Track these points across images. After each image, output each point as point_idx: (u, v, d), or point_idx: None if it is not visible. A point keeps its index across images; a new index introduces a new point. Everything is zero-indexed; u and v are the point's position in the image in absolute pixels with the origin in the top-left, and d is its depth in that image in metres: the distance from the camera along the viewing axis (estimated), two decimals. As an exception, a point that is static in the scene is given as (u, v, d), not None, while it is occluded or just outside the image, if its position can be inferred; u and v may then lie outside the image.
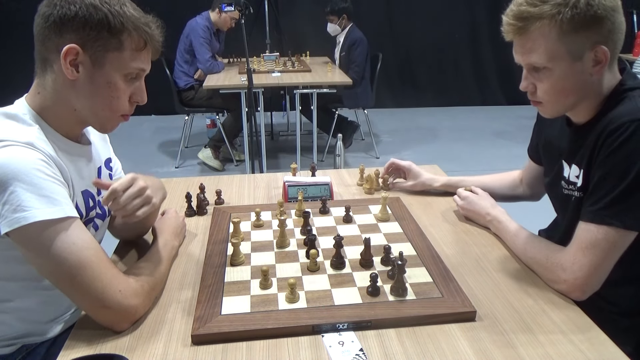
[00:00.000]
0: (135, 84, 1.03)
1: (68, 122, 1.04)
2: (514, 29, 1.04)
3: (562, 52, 1.02)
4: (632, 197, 0.99)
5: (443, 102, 6.27)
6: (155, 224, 1.26)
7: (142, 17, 1.00)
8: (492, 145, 4.89)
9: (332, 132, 4.39)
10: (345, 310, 0.99)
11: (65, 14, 0.93)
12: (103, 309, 0.93)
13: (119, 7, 0.96)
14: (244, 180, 1.74)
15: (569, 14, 0.99)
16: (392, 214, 1.41)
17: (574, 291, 1.04)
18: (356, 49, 4.32)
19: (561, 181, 1.19)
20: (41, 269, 0.93)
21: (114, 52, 0.96)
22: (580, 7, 0.99)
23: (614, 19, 1.01)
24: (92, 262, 0.92)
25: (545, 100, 1.10)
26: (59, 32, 0.94)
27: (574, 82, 1.05)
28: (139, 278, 1.00)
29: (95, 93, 0.99)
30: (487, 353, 0.90)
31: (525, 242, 1.17)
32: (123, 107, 1.03)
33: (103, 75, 0.97)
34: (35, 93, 1.01)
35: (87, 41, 0.94)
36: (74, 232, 0.91)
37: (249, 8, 3.07)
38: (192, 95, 4.24)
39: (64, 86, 0.98)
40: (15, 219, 0.86)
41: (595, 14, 0.99)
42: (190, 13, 4.22)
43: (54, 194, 0.90)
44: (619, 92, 1.07)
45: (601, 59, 1.03)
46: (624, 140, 0.99)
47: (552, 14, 0.99)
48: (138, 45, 0.99)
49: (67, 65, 0.94)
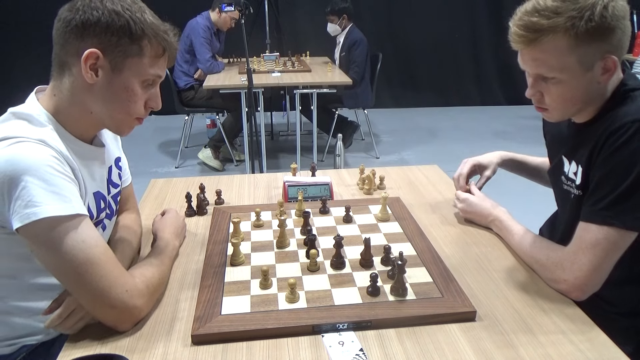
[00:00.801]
0: (151, 90, 1.05)
1: (83, 124, 1.05)
2: (525, 41, 1.01)
3: (573, 63, 1.00)
4: (633, 197, 0.99)
5: (443, 102, 6.27)
6: (156, 224, 1.26)
7: (161, 24, 1.02)
8: (492, 145, 4.86)
9: (332, 132, 4.39)
10: (345, 310, 0.99)
11: (87, 19, 0.94)
12: (108, 308, 0.93)
13: (140, 14, 0.97)
14: (244, 180, 1.74)
15: (583, 27, 0.96)
16: (392, 214, 1.41)
17: (574, 291, 1.04)
18: (356, 49, 4.32)
19: (561, 176, 1.20)
20: (49, 265, 0.93)
21: (133, 58, 0.98)
22: (595, 19, 0.96)
23: (624, 27, 1.01)
24: (100, 260, 0.92)
25: (552, 108, 1.09)
26: (80, 36, 0.95)
27: (583, 90, 1.05)
28: (144, 279, 1.00)
29: (112, 97, 1.00)
30: (487, 353, 0.90)
31: (527, 242, 1.17)
32: (139, 112, 1.05)
33: (121, 80, 0.99)
34: (51, 95, 1.02)
35: (108, 46, 0.96)
36: (83, 229, 0.92)
37: (249, 8, 3.07)
38: (192, 95, 4.24)
39: (81, 89, 0.99)
40: (26, 214, 0.87)
41: (608, 25, 0.97)
42: (191, 13, 4.22)
43: (64, 190, 0.91)
44: (621, 92, 1.07)
45: (610, 68, 1.02)
46: (625, 141, 0.99)
47: (566, 27, 0.97)
48: (157, 52, 1.01)
49: (87, 69, 0.96)
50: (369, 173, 1.64)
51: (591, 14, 0.96)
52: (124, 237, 1.20)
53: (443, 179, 1.73)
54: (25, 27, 5.34)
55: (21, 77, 5.36)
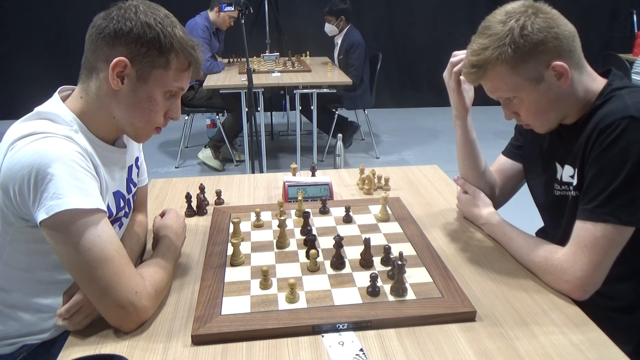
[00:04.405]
0: (172, 101, 1.08)
1: (106, 127, 1.08)
2: (474, 77, 1.11)
3: (521, 81, 1.06)
4: (627, 193, 0.99)
5: (443, 102, 6.21)
6: (156, 224, 1.26)
7: (190, 40, 1.05)
8: (492, 145, 4.83)
9: (332, 132, 4.39)
10: (345, 310, 0.99)
11: (120, 28, 0.98)
12: (116, 306, 0.93)
13: (170, 28, 1.01)
14: (244, 180, 1.74)
15: (510, 52, 1.03)
16: (392, 214, 1.41)
17: (576, 291, 1.04)
18: (354, 53, 4.31)
19: (554, 184, 1.20)
20: (63, 257, 0.94)
21: (159, 69, 1.01)
22: (517, 40, 1.03)
23: (555, 33, 1.03)
24: (114, 258, 0.93)
25: (530, 122, 1.15)
26: (111, 44, 0.98)
27: (547, 100, 1.09)
28: (153, 281, 1.01)
29: (135, 105, 1.03)
30: (487, 353, 0.90)
31: (522, 244, 1.17)
32: (159, 121, 1.08)
33: (145, 90, 1.02)
34: (77, 97, 1.06)
35: (137, 56, 0.99)
36: (101, 225, 0.94)
37: (248, 8, 3.07)
38: (192, 95, 4.23)
39: (107, 94, 1.02)
40: (51, 206, 0.89)
41: (534, 40, 1.03)
42: (190, 13, 4.21)
43: (86, 185, 0.94)
44: (607, 92, 1.09)
45: (562, 72, 1.05)
46: (615, 138, 0.99)
47: (497, 56, 1.04)
48: (182, 66, 1.04)
49: (114, 76, 0.99)
50: (369, 173, 1.64)
51: (511, 39, 1.03)
52: (133, 235, 1.22)
53: (443, 179, 1.73)
54: (27, 28, 5.35)
55: (22, 77, 5.38)
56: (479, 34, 1.09)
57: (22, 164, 0.90)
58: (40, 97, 1.13)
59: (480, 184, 1.37)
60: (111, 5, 1.01)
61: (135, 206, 1.30)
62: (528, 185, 1.36)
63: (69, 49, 3.70)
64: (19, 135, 0.94)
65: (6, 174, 0.92)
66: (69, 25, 4.66)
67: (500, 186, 1.42)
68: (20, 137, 0.94)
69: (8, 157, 0.93)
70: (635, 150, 0.98)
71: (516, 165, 1.41)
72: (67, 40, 4.60)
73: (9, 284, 1.06)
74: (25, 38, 5.39)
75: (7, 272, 1.05)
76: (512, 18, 1.04)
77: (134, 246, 1.19)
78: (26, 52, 5.38)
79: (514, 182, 1.42)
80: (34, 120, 1.00)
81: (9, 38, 5.35)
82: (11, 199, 0.94)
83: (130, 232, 1.22)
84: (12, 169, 0.91)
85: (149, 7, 1.01)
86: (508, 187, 1.43)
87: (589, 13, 5.79)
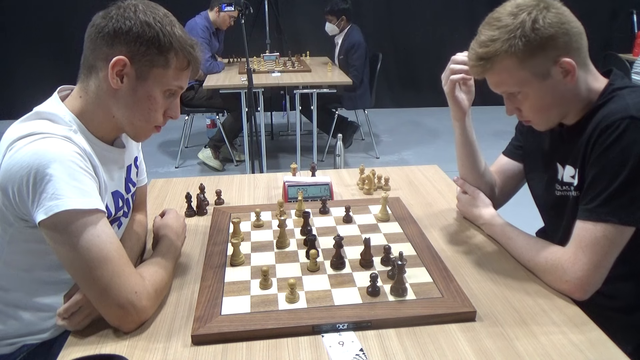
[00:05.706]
0: (171, 100, 1.08)
1: (106, 127, 1.08)
2: (480, 70, 1.09)
3: (528, 76, 1.06)
4: (627, 193, 0.99)
5: (443, 102, 6.19)
6: (156, 224, 1.26)
7: (189, 39, 1.05)
8: (492, 145, 4.83)
9: (332, 132, 4.39)
10: (345, 310, 0.99)
11: (119, 27, 0.98)
12: (115, 307, 0.93)
13: (169, 27, 1.01)
14: (244, 180, 1.74)
15: (520, 45, 1.02)
16: (392, 214, 1.41)
17: (576, 291, 1.04)
18: (354, 54, 4.31)
19: (555, 184, 1.19)
20: (62, 257, 0.94)
21: (159, 68, 1.01)
22: (528, 34, 1.02)
23: (565, 29, 1.03)
24: (114, 258, 0.93)
25: (532, 119, 1.15)
26: (110, 43, 0.99)
27: (552, 97, 1.08)
28: (153, 282, 1.01)
29: (134, 104, 1.03)
30: (487, 353, 0.90)
31: (522, 244, 1.17)
32: (158, 120, 1.08)
33: (145, 88, 1.02)
34: (77, 96, 1.05)
35: (136, 55, 0.99)
36: (100, 225, 0.94)
37: (248, 8, 3.07)
38: (192, 95, 4.23)
39: (106, 93, 1.02)
40: (50, 206, 0.89)
41: (545, 35, 1.02)
42: (189, 13, 4.21)
43: (85, 186, 0.94)
44: (608, 91, 1.09)
45: (569, 69, 1.05)
46: (616, 138, 1.00)
47: (506, 49, 1.03)
48: (182, 65, 1.04)
49: (113, 75, 0.99)
50: (369, 173, 1.64)
51: (523, 32, 1.02)
52: (133, 235, 1.22)
53: (443, 179, 1.73)
54: (27, 28, 5.35)
55: (22, 77, 5.38)
56: (487, 25, 1.07)
57: (21, 165, 0.90)
58: (40, 97, 1.12)
59: (480, 184, 1.37)
60: (110, 5, 1.01)
61: (135, 206, 1.30)
62: (528, 185, 1.36)
63: (69, 49, 3.70)
64: (18, 135, 0.94)
65: (5, 175, 0.92)
66: (69, 25, 4.65)
67: (500, 186, 1.42)
68: (19, 138, 0.94)
69: (7, 158, 0.93)
70: (635, 150, 0.97)
71: (516, 165, 1.40)
72: (67, 40, 4.59)
73: (8, 283, 1.06)
74: (25, 38, 5.39)
75: (7, 271, 1.05)
76: (523, 11, 1.03)
77: (134, 246, 1.19)
78: (26, 52, 5.38)
79: (514, 182, 1.42)
80: (33, 121, 1.00)
81: (9, 38, 5.36)
82: (10, 200, 0.94)
83: (129, 232, 1.22)
84: (11, 170, 0.91)
85: (148, 6, 1.01)
86: (508, 187, 1.42)
87: (589, 13, 5.78)
